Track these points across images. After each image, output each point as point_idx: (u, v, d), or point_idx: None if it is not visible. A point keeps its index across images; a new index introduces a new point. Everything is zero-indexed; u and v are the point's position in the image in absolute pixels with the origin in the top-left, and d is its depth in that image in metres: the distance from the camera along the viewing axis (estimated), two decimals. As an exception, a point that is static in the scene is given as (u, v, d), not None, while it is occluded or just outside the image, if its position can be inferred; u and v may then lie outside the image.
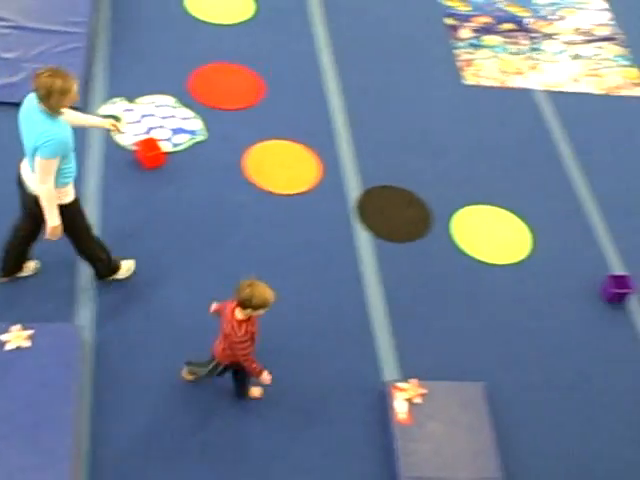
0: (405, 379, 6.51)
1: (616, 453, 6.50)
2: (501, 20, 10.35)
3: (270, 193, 7.85)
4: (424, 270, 7.50)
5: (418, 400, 6.37)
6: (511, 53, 9.94)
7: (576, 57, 10.08)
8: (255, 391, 6.28)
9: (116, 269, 6.81)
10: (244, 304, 5.35)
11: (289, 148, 8.30)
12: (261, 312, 5.45)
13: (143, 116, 8.24)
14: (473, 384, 6.56)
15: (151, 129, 8.13)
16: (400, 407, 6.31)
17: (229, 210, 7.60)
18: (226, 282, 5.75)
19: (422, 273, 7.47)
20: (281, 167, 8.13)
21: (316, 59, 9.30)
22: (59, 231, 6.10)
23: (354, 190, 8.04)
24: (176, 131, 8.18)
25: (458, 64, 9.64)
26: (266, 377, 5.80)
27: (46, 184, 5.80)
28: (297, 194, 7.91)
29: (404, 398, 6.37)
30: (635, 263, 7.88)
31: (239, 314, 5.47)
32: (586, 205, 8.35)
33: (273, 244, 7.42)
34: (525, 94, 9.44)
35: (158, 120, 8.24)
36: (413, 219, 7.92)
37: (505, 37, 10.14)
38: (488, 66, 9.69)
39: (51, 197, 5.89)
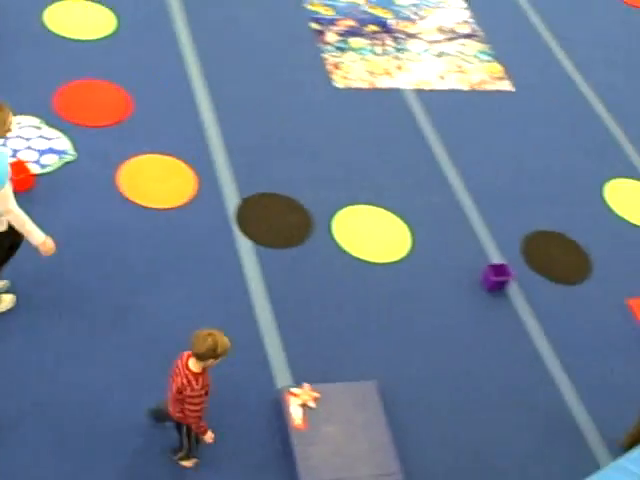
0: (298, 384, 6.48)
1: (505, 439, 6.65)
2: (365, 22, 10.49)
3: (147, 209, 7.70)
4: (309, 274, 7.50)
5: (312, 404, 6.35)
6: (377, 54, 10.08)
7: (440, 55, 10.31)
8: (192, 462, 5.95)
9: None
10: (206, 355, 5.04)
11: (163, 162, 8.16)
12: (215, 362, 5.15)
13: (7, 139, 7.94)
14: (366, 383, 6.59)
15: (17, 152, 7.85)
16: (295, 412, 6.28)
17: (105, 229, 7.40)
18: (103, 303, 5.55)
19: (307, 277, 7.47)
20: (156, 182, 7.98)
21: (184, 72, 9.19)
22: (50, 244, 6.08)
23: (232, 200, 7.97)
24: (44, 152, 7.92)
25: (327, 68, 9.70)
26: (210, 436, 5.58)
27: (11, 211, 5.78)
28: (175, 208, 7.78)
29: (298, 403, 6.34)
30: (511, 251, 8.10)
31: (195, 367, 5.17)
32: (461, 199, 8.54)
33: (154, 260, 7.27)
34: (394, 94, 9.58)
35: (23, 142, 7.97)
36: (294, 224, 7.91)
37: (370, 39, 10.28)
38: (356, 68, 9.80)
39: (22, 220, 5.87)
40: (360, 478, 5.96)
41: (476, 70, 10.24)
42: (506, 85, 10.16)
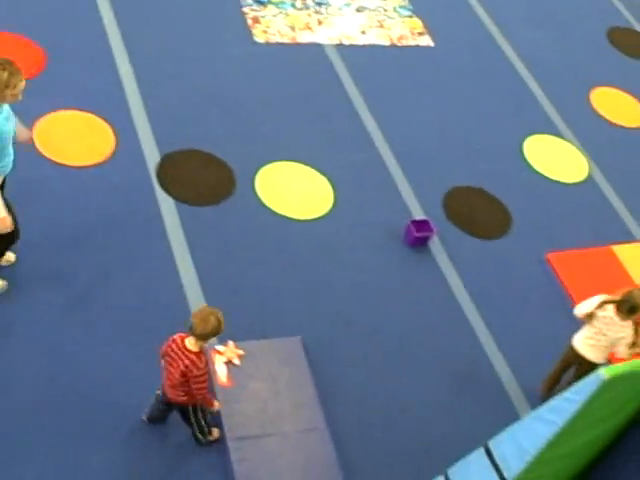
0: (222, 342, 6.45)
1: (427, 391, 6.76)
2: (286, -24, 10.34)
3: (64, 166, 7.50)
4: (231, 231, 7.44)
5: (237, 361, 6.35)
6: (298, 9, 9.97)
7: (361, 9, 10.25)
8: (215, 432, 5.91)
9: None
10: (211, 334, 5.14)
11: (80, 118, 7.95)
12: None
13: None
14: (290, 339, 6.61)
15: None
16: (220, 370, 6.26)
17: (23, 188, 7.16)
18: (25, 265, 5.36)
19: (229, 234, 7.41)
20: (73, 139, 7.78)
21: (100, 25, 8.91)
22: (8, 221, 5.84)
23: (152, 157, 7.82)
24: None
25: (247, 22, 9.55)
26: (216, 405, 5.68)
27: None
28: (93, 165, 7.60)
29: (223, 361, 6.33)
30: (432, 207, 8.17)
31: (194, 347, 5.22)
32: (383, 155, 8.55)
33: (73, 220, 7.10)
34: (316, 49, 9.50)
35: None
36: (216, 181, 7.82)
37: (291, -7, 10.16)
38: (277, 23, 9.67)
39: None
40: (286, 433, 6.00)
41: (396, 25, 10.22)
42: (426, 40, 10.17)
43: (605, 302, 6.43)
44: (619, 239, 8.42)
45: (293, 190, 7.97)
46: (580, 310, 6.57)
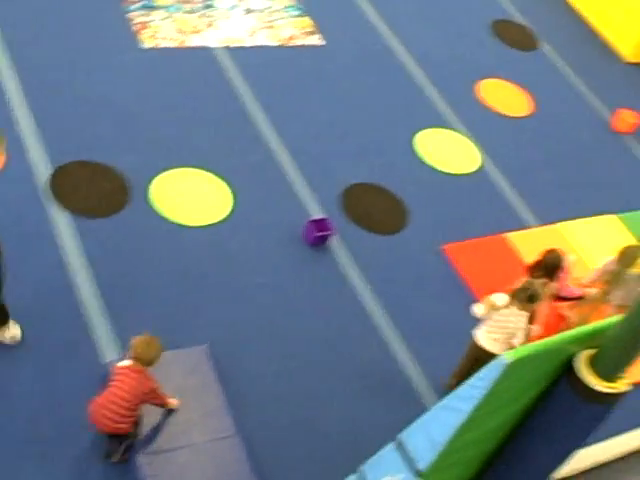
0: (126, 358, 6.33)
1: (335, 391, 6.80)
2: (170, -20, 10.23)
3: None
4: (129, 242, 7.32)
5: (143, 374, 6.25)
6: (186, 12, 9.88)
7: (249, 11, 10.23)
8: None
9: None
10: (155, 360, 5.70)
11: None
12: None
13: None
14: (196, 348, 6.55)
15: None
16: (126, 385, 6.15)
17: None
18: None
19: (128, 246, 7.29)
20: (-42, 155, 7.51)
21: (-20, 35, 8.66)
22: None
23: (44, 170, 7.63)
24: None
25: (134, 28, 9.41)
26: (174, 401, 6.05)
27: None
28: (-19, 182, 7.37)
29: (129, 375, 6.21)
30: (330, 205, 8.22)
31: (137, 368, 5.66)
32: (279, 156, 8.56)
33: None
34: (205, 52, 9.44)
35: None
36: (111, 192, 7.69)
37: (177, -3, 10.06)
38: (165, 27, 9.57)
39: None
40: (197, 444, 5.94)
41: (286, 25, 10.24)
42: (316, 39, 10.22)
43: (506, 293, 6.59)
44: (512, 227, 8.66)
45: (191, 196, 7.90)
46: (479, 310, 6.73)
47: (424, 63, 10.41)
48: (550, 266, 7.40)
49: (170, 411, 6.09)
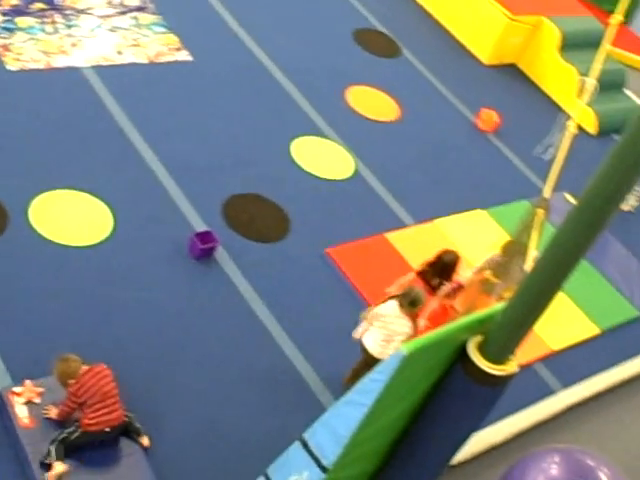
0: (19, 383, 6.20)
1: (236, 400, 6.84)
2: (30, 0, 10.04)
3: None
4: (10, 267, 7.14)
5: (37, 400, 6.13)
6: (48, 33, 9.72)
7: (113, 29, 10.16)
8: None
9: None
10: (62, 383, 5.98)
11: None
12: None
13: None
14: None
15: None
16: (20, 412, 6.02)
17: None
18: None
19: (9, 270, 7.11)
20: None
21: None
22: None
23: None
24: None
25: (-4, 51, 9.20)
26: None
27: None
28: None
29: (22, 402, 6.08)
30: (213, 218, 8.26)
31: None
32: (157, 172, 8.53)
33: None
34: (74, 72, 9.31)
35: None
36: (-13, 218, 7.49)
37: (39, 17, 9.87)
38: (28, 49, 9.38)
39: None
40: (100, 460, 5.87)
41: (152, 42, 10.23)
42: (184, 55, 10.25)
43: (388, 298, 6.80)
44: (391, 227, 8.93)
45: (70, 218, 7.78)
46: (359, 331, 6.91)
47: (292, 73, 10.59)
48: (446, 266, 7.70)
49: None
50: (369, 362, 6.77)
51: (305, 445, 5.51)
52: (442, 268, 7.74)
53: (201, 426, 6.54)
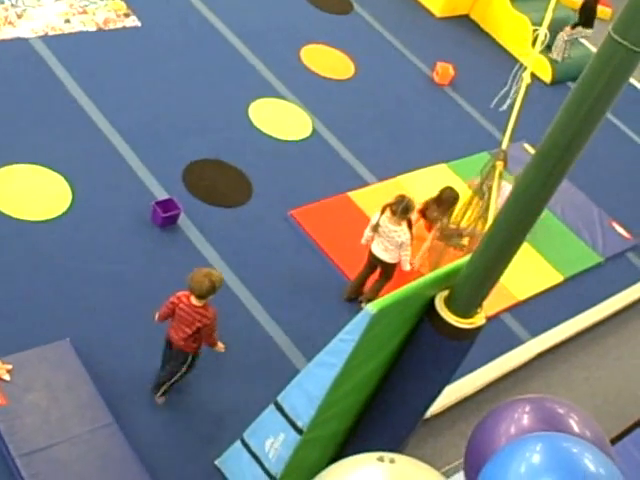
0: (-14, 361, 6.16)
1: (211, 365, 6.79)
2: (-28, -29, 9.78)
3: None
4: (-29, 246, 7.05)
5: (7, 377, 6.08)
6: (-7, 4, 9.50)
7: (60, -2, 9.95)
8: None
9: None
10: (207, 295, 5.90)
11: None
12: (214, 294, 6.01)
13: None
14: (58, 343, 6.43)
15: None
16: (-10, 390, 5.99)
17: None
18: None
19: (-30, 249, 7.02)
20: None
21: None
22: None
23: None
24: None
25: (-60, 25, 8.96)
26: (221, 345, 6.32)
27: None
28: None
29: (-8, 380, 6.05)
30: (174, 185, 8.18)
31: (198, 302, 5.97)
32: (114, 141, 8.42)
33: None
34: (21, 44, 9.10)
35: None
36: (-58, 197, 7.35)
37: (-18, -11, 9.63)
38: (-27, 21, 9.16)
39: None
40: (76, 437, 5.86)
41: (100, 9, 10.03)
42: (133, 21, 10.07)
43: (383, 209, 7.30)
44: (353, 186, 8.92)
45: (27, 192, 7.66)
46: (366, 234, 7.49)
47: (245, 35, 10.47)
48: (443, 202, 7.97)
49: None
50: (383, 268, 7.56)
51: (279, 408, 5.55)
52: (439, 203, 8.00)
53: (174, 395, 6.53)
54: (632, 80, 12.14)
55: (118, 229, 7.61)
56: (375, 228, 7.39)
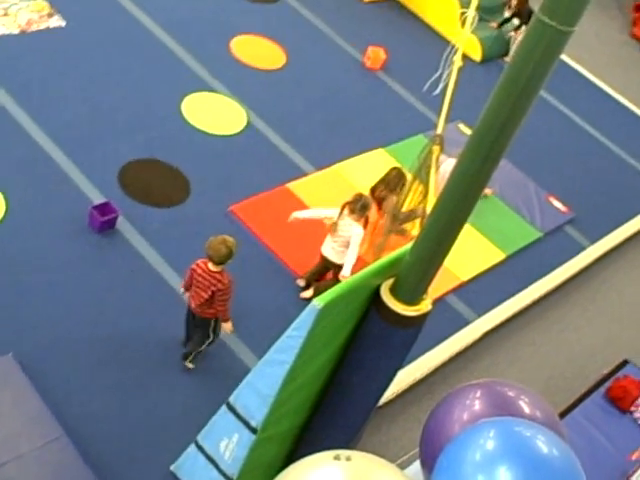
0: None
1: (156, 369, 6.77)
2: None
3: None
4: None
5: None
6: None
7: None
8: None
9: None
10: (225, 259, 6.23)
11: None
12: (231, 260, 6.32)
13: None
14: (1, 359, 6.27)
15: None
16: None
17: None
18: None
19: None
20: None
21: None
22: None
23: None
24: None
25: None
26: (230, 326, 6.59)
27: None
28: None
29: None
30: (110, 188, 8.04)
31: (216, 268, 6.29)
32: (45, 147, 8.24)
33: None
34: (-58, 51, 8.88)
35: None
36: None
37: None
38: None
39: None
40: (26, 454, 5.73)
41: (22, 10, 9.80)
42: (56, 21, 9.86)
43: (342, 208, 7.45)
44: (292, 177, 8.88)
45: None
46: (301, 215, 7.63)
47: (173, 29, 10.33)
48: (393, 180, 8.18)
49: None
50: (335, 271, 7.65)
51: (232, 409, 5.51)
52: (386, 183, 8.25)
53: (124, 401, 6.45)
54: (563, 56, 12.31)
55: (56, 237, 7.46)
56: (334, 227, 7.48)
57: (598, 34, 14.16)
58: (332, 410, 5.79)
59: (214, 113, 9.40)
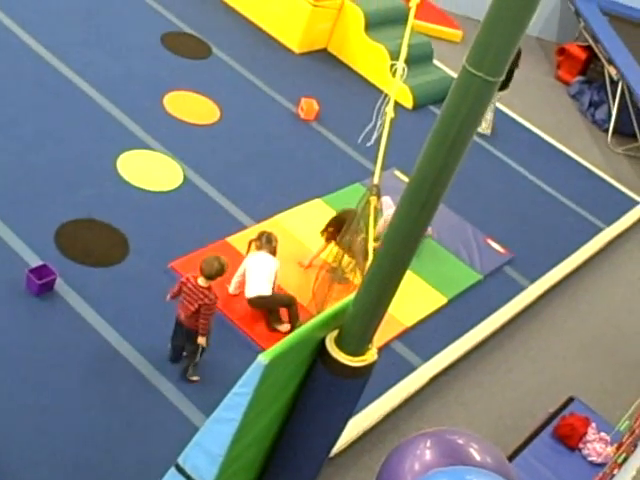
0: None
1: (104, 428, 6.64)
2: None
3: None
4: None
5: None
6: None
7: None
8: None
9: None
10: (215, 274, 6.78)
11: None
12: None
13: None
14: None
15: None
16: None
17: None
18: None
19: None
20: None
21: None
22: None
23: None
24: None
25: None
26: (203, 340, 6.94)
27: None
28: None
29: None
30: (47, 250, 7.91)
31: (204, 283, 6.78)
32: (-22, 209, 8.11)
33: None
34: None
35: None
36: None
37: None
38: None
39: None
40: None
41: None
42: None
43: (249, 246, 8.14)
44: (231, 231, 8.86)
45: None
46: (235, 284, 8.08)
47: (105, 88, 10.27)
48: (340, 220, 8.37)
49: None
50: (264, 304, 7.96)
51: (181, 470, 5.40)
52: (337, 222, 8.47)
53: (67, 466, 6.29)
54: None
55: (-10, 302, 7.30)
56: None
57: (526, 78, 14.51)
58: (284, 464, 5.73)
59: (150, 170, 9.36)
